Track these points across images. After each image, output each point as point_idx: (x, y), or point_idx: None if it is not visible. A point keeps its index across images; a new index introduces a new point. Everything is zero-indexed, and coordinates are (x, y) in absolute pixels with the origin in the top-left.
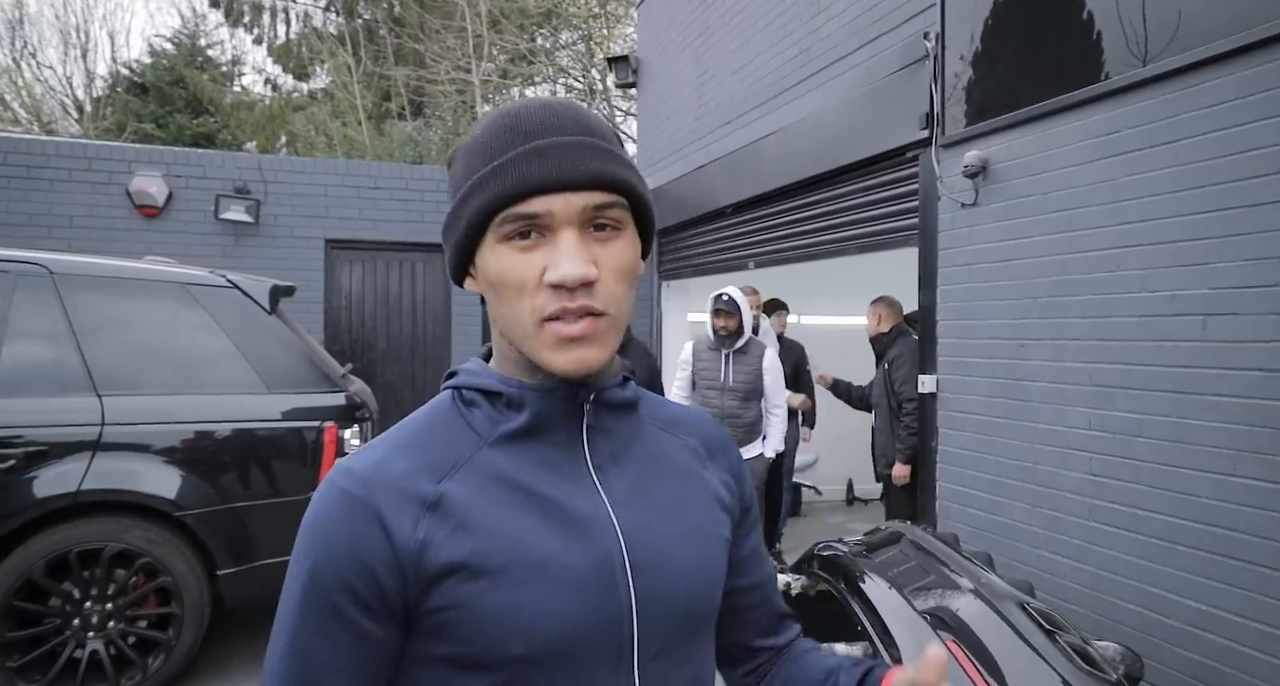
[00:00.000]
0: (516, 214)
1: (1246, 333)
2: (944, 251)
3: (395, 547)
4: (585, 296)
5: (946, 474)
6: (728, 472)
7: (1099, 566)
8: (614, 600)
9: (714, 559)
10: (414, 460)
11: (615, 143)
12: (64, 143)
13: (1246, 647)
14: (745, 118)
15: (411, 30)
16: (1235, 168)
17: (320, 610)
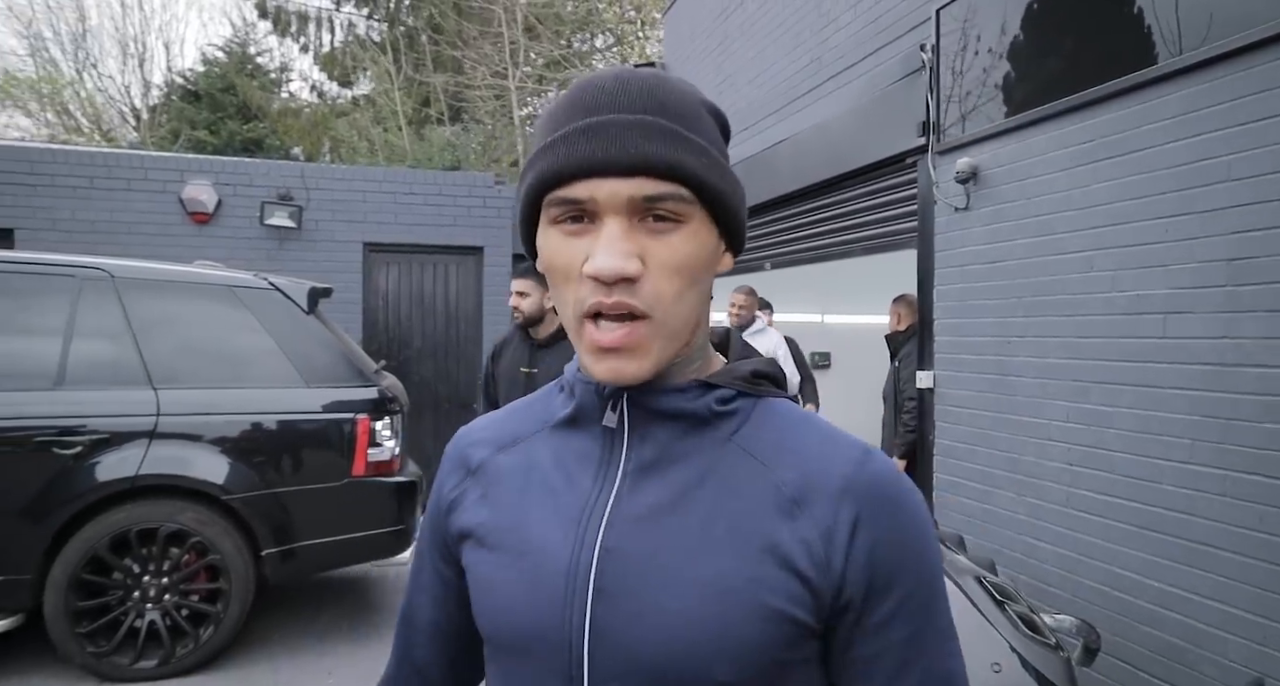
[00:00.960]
0: (560, 197)
1: (1199, 330)
2: (940, 253)
3: (440, 501)
4: (624, 293)
5: (942, 465)
6: (819, 531)
7: (1075, 551)
8: (563, 614)
9: (729, 623)
10: (494, 430)
11: (696, 123)
12: (123, 154)
13: (1206, 625)
14: (761, 124)
15: (450, 38)
16: (1186, 177)
17: (422, 540)
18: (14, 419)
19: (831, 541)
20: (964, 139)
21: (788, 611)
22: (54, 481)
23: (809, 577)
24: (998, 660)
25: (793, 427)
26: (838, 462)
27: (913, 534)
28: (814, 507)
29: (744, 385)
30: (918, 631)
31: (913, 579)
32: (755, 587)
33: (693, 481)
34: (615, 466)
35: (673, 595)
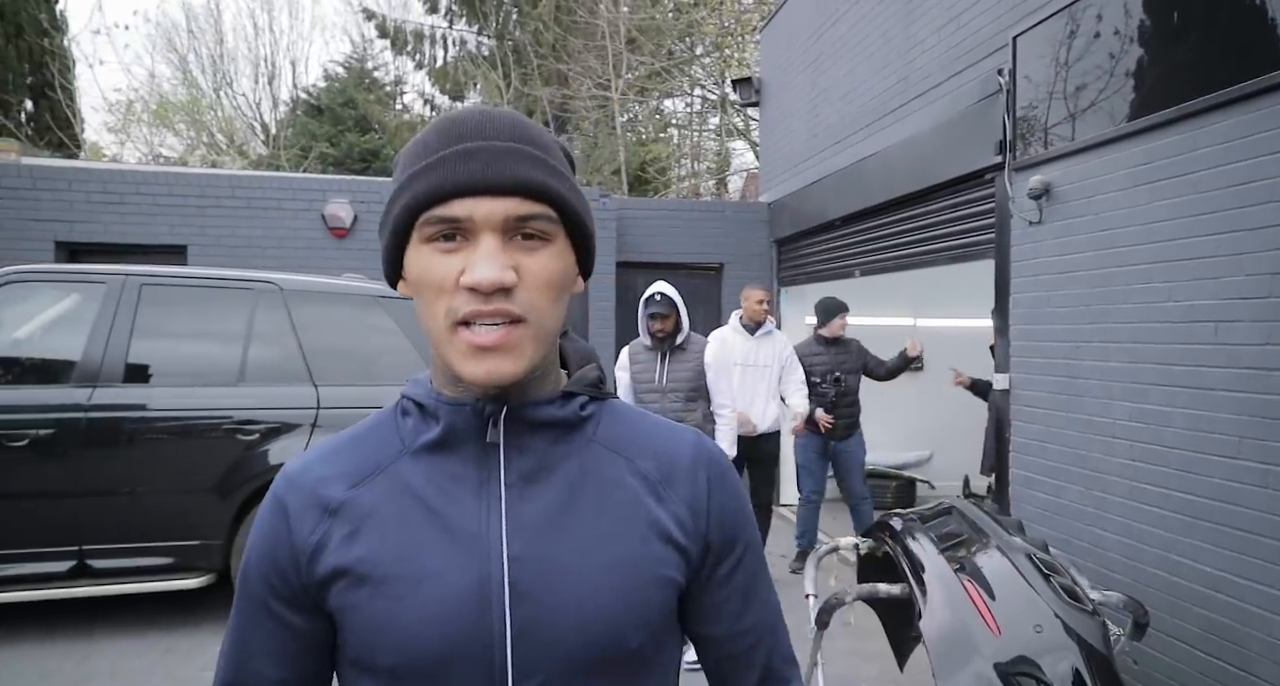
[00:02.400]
0: (438, 215)
1: (1246, 337)
2: (1015, 264)
3: (295, 547)
4: (502, 301)
5: (1018, 461)
6: (685, 505)
7: (1136, 539)
8: (483, 625)
9: (632, 597)
10: (337, 465)
11: (555, 155)
12: (273, 176)
13: (1251, 605)
14: (852, 138)
15: (555, 51)
16: (1234, 197)
17: (250, 598)
18: (207, 410)
19: (695, 511)
20: (1037, 158)
21: (673, 577)
22: (238, 463)
23: (684, 545)
24: (1040, 623)
25: (635, 423)
26: (682, 446)
27: (741, 499)
28: (676, 487)
29: (595, 391)
30: (753, 574)
31: (746, 534)
32: (649, 562)
33: (575, 482)
34: (494, 481)
35: (585, 583)
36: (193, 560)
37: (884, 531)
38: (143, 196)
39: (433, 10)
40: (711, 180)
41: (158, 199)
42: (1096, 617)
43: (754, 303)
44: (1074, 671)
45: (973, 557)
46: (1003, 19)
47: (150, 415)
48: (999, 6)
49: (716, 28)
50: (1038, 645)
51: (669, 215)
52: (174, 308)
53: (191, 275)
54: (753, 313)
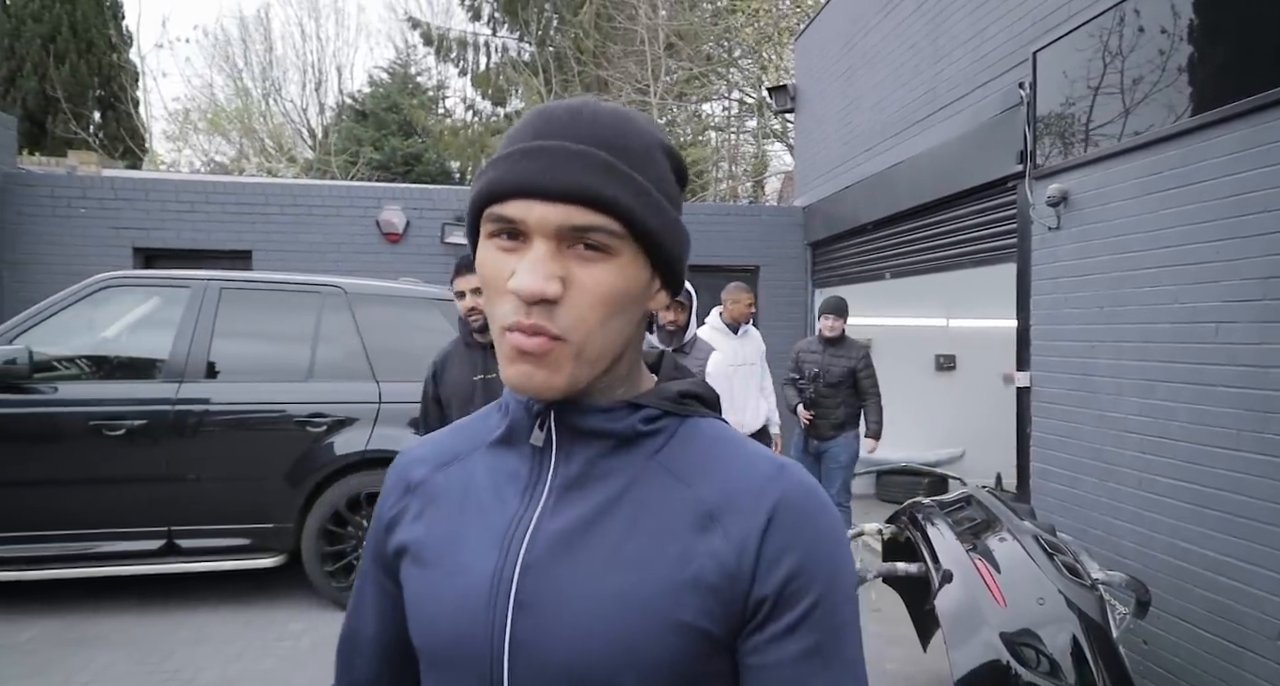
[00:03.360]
0: (496, 213)
1: (1243, 337)
2: (1035, 267)
3: (382, 517)
4: (540, 316)
5: (1038, 455)
6: (732, 543)
7: (1146, 527)
8: (486, 629)
9: (638, 637)
10: (434, 449)
11: (645, 162)
12: (331, 185)
13: (1249, 586)
14: (882, 145)
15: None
16: (1233, 207)
17: (365, 557)
18: (280, 404)
19: (743, 550)
20: (1055, 167)
21: (698, 624)
22: (307, 453)
23: (720, 589)
24: (1043, 596)
25: (715, 446)
26: (754, 477)
27: (823, 547)
28: (729, 521)
29: (671, 405)
30: (818, 645)
31: (820, 590)
32: (665, 601)
33: (612, 499)
34: (542, 485)
35: (584, 608)
36: (267, 542)
37: (906, 517)
38: (212, 205)
39: (475, 18)
40: (749, 182)
41: (225, 207)
42: (1095, 592)
43: (744, 305)
44: (1073, 639)
45: (984, 539)
46: (1024, 35)
47: (229, 409)
48: (1021, 23)
49: (754, 32)
50: (1040, 615)
51: (707, 219)
52: (250, 310)
53: (266, 280)
54: (742, 313)
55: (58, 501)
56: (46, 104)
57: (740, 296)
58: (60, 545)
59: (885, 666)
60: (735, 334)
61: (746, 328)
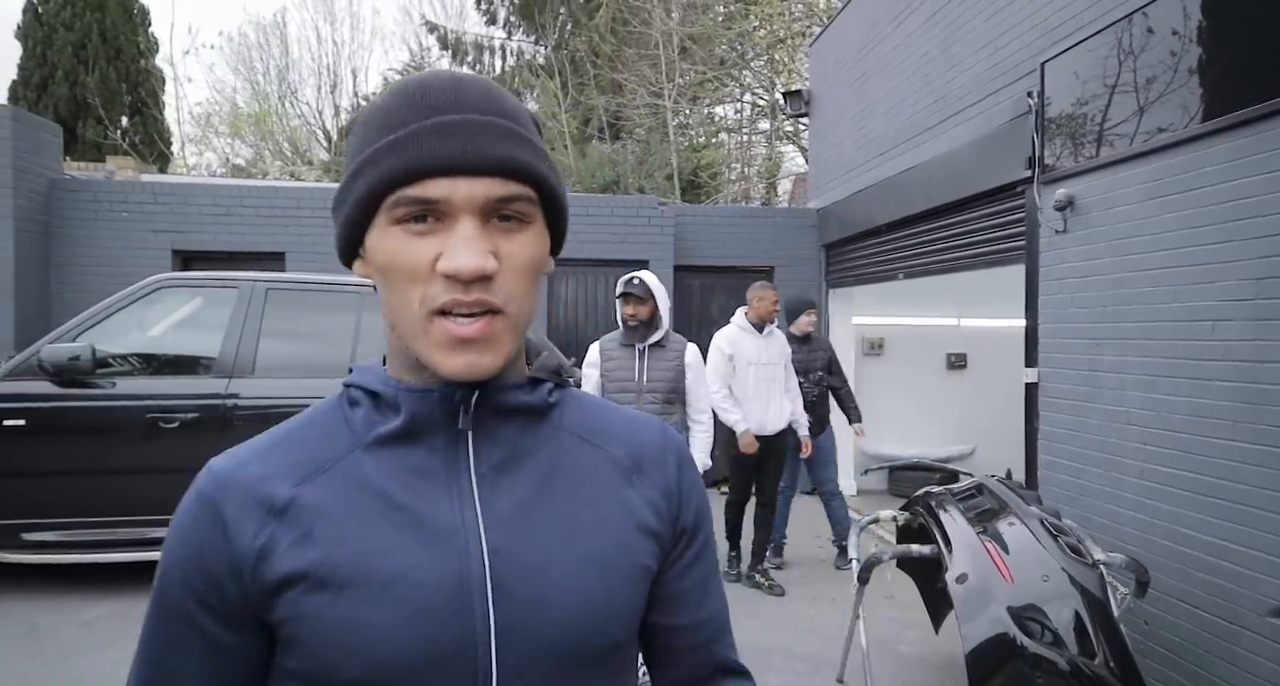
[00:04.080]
0: (411, 197)
1: (1238, 334)
2: (1043, 269)
3: (234, 553)
4: (481, 290)
5: (1045, 448)
6: (659, 491)
7: (1148, 515)
8: (465, 625)
9: (614, 589)
10: (277, 461)
11: (531, 128)
12: None
13: (1243, 568)
14: (896, 150)
15: (609, 60)
16: (1234, 211)
17: (170, 611)
18: (323, 398)
19: (670, 496)
20: (1062, 173)
21: (648, 565)
22: None
23: (659, 532)
24: (1047, 573)
25: (599, 411)
26: (650, 433)
27: (702, 489)
28: (649, 472)
29: (557, 377)
30: (712, 566)
31: (708, 524)
32: (627, 552)
33: (548, 471)
34: (465, 473)
35: (566, 578)
36: None
37: (920, 505)
38: (247, 208)
39: (491, 22)
40: (762, 184)
41: (259, 210)
42: (1095, 570)
43: (770, 303)
44: (1075, 613)
45: (993, 523)
46: (1033, 46)
47: (275, 403)
48: (1030, 34)
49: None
50: (1044, 591)
51: (723, 220)
52: (294, 309)
53: (308, 281)
54: (768, 312)
55: (117, 489)
56: (77, 109)
57: (765, 294)
58: (119, 531)
59: (899, 648)
60: (760, 333)
61: (771, 327)
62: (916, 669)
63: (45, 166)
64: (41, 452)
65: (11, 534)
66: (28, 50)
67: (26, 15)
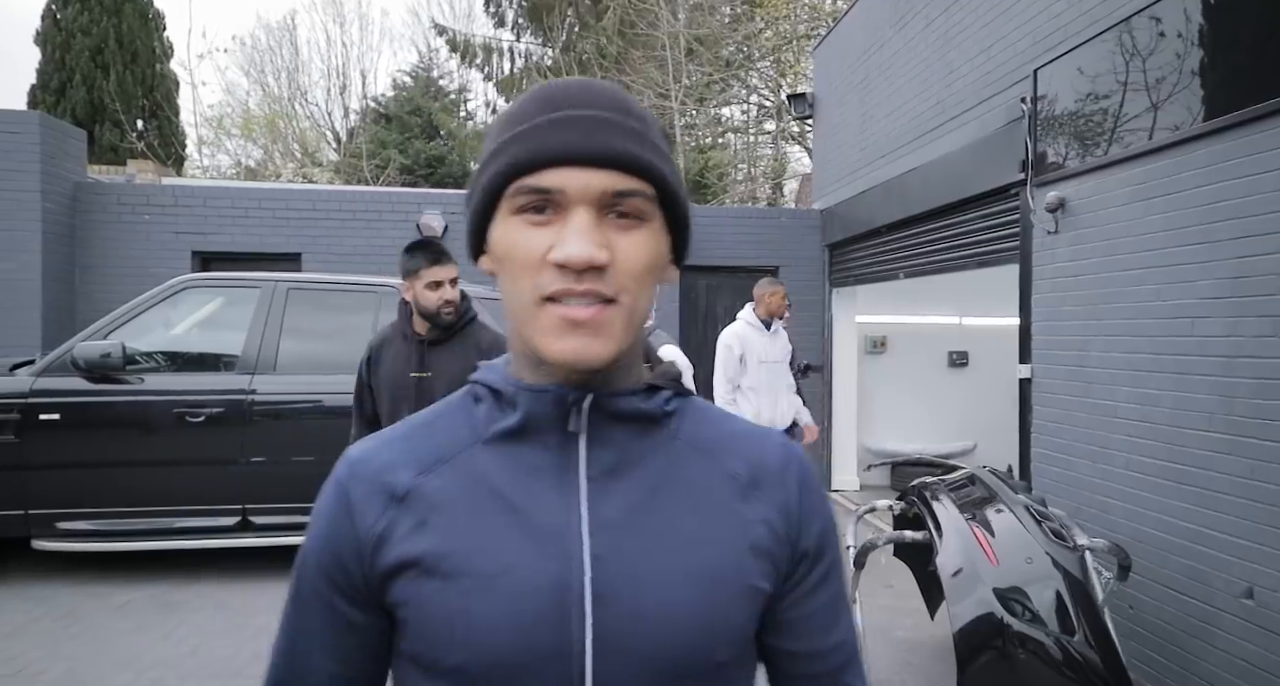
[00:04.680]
0: (529, 186)
1: (1215, 330)
2: (1035, 268)
3: (358, 535)
4: (593, 280)
5: (1037, 441)
6: (776, 510)
7: (1135, 504)
8: (563, 628)
9: (719, 607)
10: (404, 451)
11: (657, 133)
12: (373, 191)
13: (1217, 552)
14: (896, 153)
15: (616, 62)
16: (1211, 214)
17: (306, 587)
18: (342, 394)
19: (788, 516)
20: (1053, 176)
21: (761, 586)
22: None
23: (774, 552)
24: (1030, 556)
25: (720, 422)
26: (771, 449)
27: (828, 509)
28: (766, 489)
29: (677, 386)
30: (839, 591)
31: (834, 547)
32: (736, 571)
33: (658, 480)
34: (575, 475)
35: (669, 590)
36: None
37: (914, 494)
38: (264, 210)
39: (500, 24)
40: (767, 185)
41: (276, 212)
42: (1077, 552)
43: (780, 298)
44: (1056, 593)
45: (982, 510)
46: (1026, 53)
47: (296, 398)
48: (1023, 42)
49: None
50: (1028, 573)
51: (730, 221)
52: (314, 308)
53: (327, 281)
54: (777, 308)
55: (146, 481)
56: (94, 113)
57: (775, 290)
58: (148, 520)
59: (896, 634)
60: (768, 330)
61: (778, 325)
62: (912, 653)
63: (70, 171)
64: (75, 445)
65: (48, 523)
66: (46, 55)
67: (45, 21)
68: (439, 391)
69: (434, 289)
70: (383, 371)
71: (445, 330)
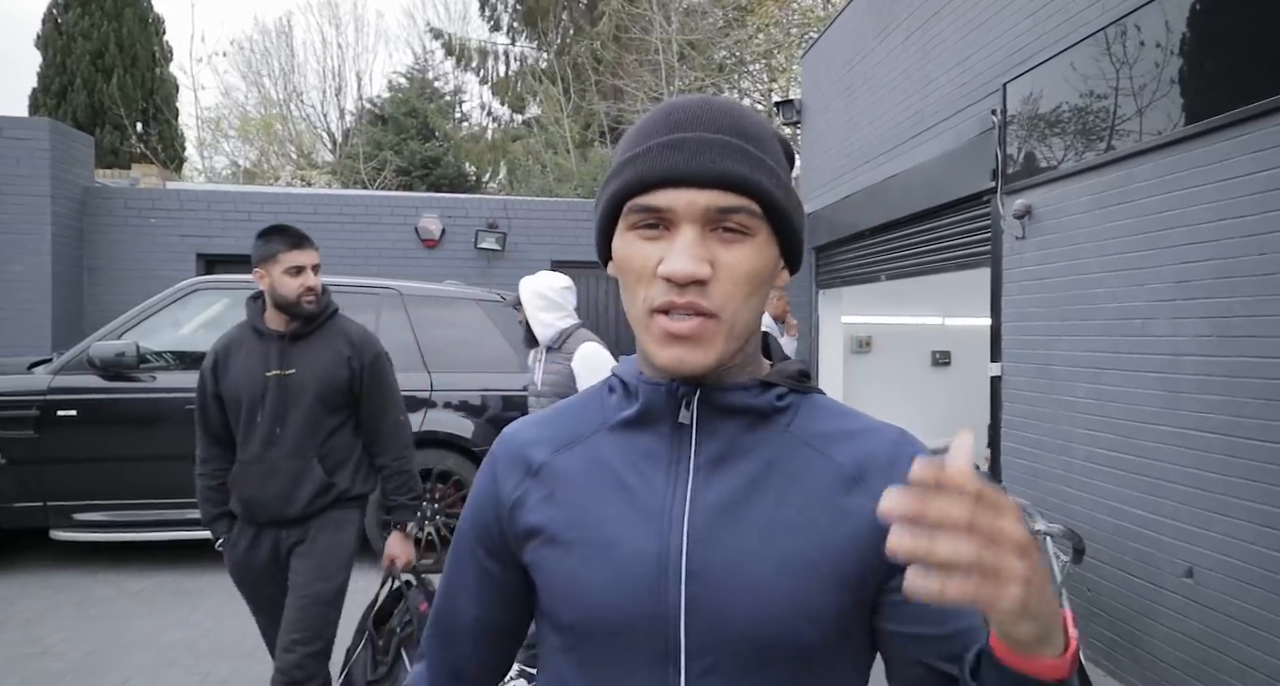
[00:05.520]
0: (641, 204)
1: (1161, 330)
2: (1005, 271)
3: (499, 501)
4: (695, 294)
5: (1007, 436)
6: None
7: (1093, 494)
8: (660, 598)
9: (808, 592)
10: (545, 431)
11: (767, 148)
12: (373, 195)
13: (1160, 534)
14: (878, 159)
15: (611, 67)
16: (1159, 222)
17: (463, 541)
18: None
19: None
20: (1020, 184)
21: (858, 575)
22: None
23: (876, 541)
24: None
25: (837, 417)
26: (882, 442)
27: None
28: (872, 480)
29: (793, 383)
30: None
31: None
32: (829, 559)
33: (761, 471)
34: (685, 462)
35: (759, 573)
36: None
37: None
38: (266, 214)
39: (495, 28)
40: None
41: (278, 216)
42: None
43: (785, 302)
44: None
45: None
46: (997, 67)
47: None
48: (996, 55)
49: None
50: None
51: None
52: None
53: (331, 283)
54: (782, 311)
55: (159, 474)
56: (94, 116)
57: (780, 292)
58: (160, 512)
59: None
60: (780, 332)
61: (779, 326)
62: None
63: (79, 175)
64: (91, 440)
65: (65, 514)
66: (47, 59)
67: (46, 25)
68: (308, 389)
69: (294, 275)
70: (233, 375)
71: (307, 322)
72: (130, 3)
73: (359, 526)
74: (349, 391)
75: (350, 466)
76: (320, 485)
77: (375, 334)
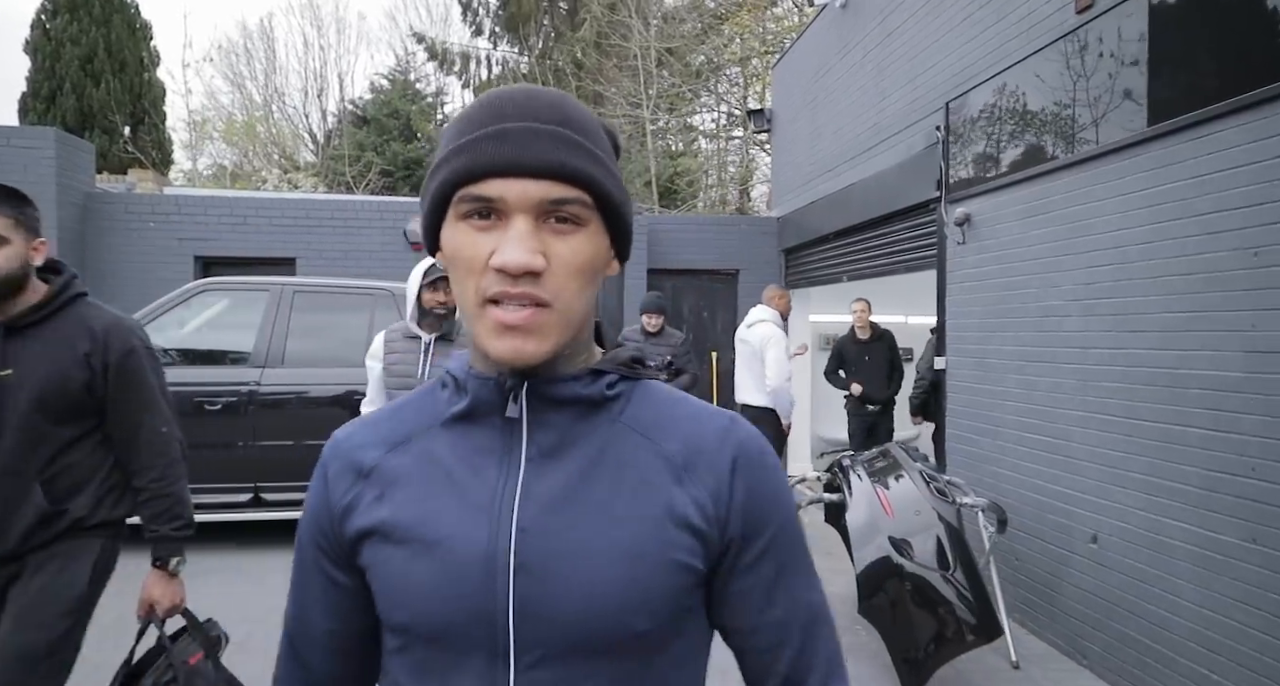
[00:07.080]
0: (472, 194)
1: (1076, 327)
2: (949, 274)
3: (331, 506)
4: (529, 285)
5: (950, 423)
6: (707, 491)
7: (1020, 473)
8: (488, 595)
9: (641, 580)
10: (378, 432)
11: (595, 138)
12: (363, 200)
13: (1075, 508)
14: (840, 168)
15: (591, 73)
16: (1079, 230)
17: (303, 554)
18: (342, 385)
19: (717, 495)
20: (961, 194)
21: (688, 562)
22: None
23: (702, 531)
24: (919, 509)
25: (668, 404)
26: (711, 430)
27: (773, 486)
28: (699, 471)
29: (625, 370)
30: (782, 567)
31: (776, 522)
32: (661, 547)
33: (592, 460)
34: (517, 454)
35: (590, 564)
36: None
37: (835, 467)
38: (261, 218)
39: (477, 33)
40: (736, 190)
41: (272, 219)
42: (954, 506)
43: (789, 300)
44: (937, 538)
45: (886, 476)
46: (943, 86)
47: (301, 388)
48: (942, 75)
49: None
50: (916, 523)
51: (692, 228)
52: (317, 309)
53: (329, 285)
54: (786, 309)
55: None
56: (84, 120)
57: (785, 292)
58: None
59: (829, 589)
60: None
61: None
62: (840, 605)
63: (81, 182)
64: None
65: None
66: (36, 64)
67: (35, 30)
68: (28, 393)
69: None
70: None
71: (36, 309)
72: (118, 9)
73: (99, 559)
74: (87, 396)
75: (93, 488)
76: (40, 514)
77: (371, 331)
